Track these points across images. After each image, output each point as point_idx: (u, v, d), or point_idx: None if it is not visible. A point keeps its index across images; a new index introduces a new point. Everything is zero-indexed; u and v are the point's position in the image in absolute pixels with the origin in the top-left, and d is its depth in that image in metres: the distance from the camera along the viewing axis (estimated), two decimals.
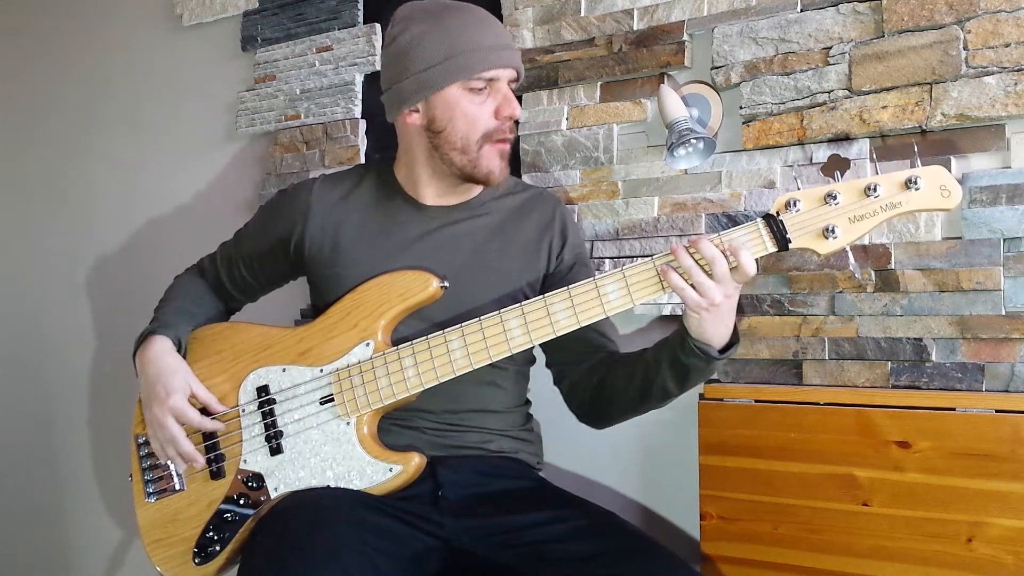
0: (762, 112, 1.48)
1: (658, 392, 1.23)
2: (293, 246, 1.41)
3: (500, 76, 1.28)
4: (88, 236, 2.34)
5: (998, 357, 1.32)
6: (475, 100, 1.27)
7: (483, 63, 1.25)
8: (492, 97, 1.29)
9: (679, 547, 1.55)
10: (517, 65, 1.30)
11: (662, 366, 1.20)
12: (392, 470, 1.25)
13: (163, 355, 1.37)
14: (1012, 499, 1.22)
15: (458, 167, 1.31)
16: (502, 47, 1.28)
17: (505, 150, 1.32)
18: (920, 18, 1.36)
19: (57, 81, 2.41)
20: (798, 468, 1.36)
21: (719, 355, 1.16)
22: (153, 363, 1.36)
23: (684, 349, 1.16)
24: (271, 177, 2.02)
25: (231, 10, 2.11)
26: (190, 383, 1.35)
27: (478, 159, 1.29)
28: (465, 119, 1.28)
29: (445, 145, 1.30)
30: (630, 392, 1.26)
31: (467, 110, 1.27)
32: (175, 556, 1.34)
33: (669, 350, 1.19)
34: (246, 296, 1.54)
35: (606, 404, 1.32)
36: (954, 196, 1.08)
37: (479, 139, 1.28)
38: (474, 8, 1.30)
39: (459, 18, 1.27)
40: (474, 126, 1.28)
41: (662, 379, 1.21)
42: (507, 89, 1.29)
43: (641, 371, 1.24)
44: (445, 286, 1.29)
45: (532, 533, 1.23)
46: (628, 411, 1.31)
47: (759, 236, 1.12)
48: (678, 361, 1.18)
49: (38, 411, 2.43)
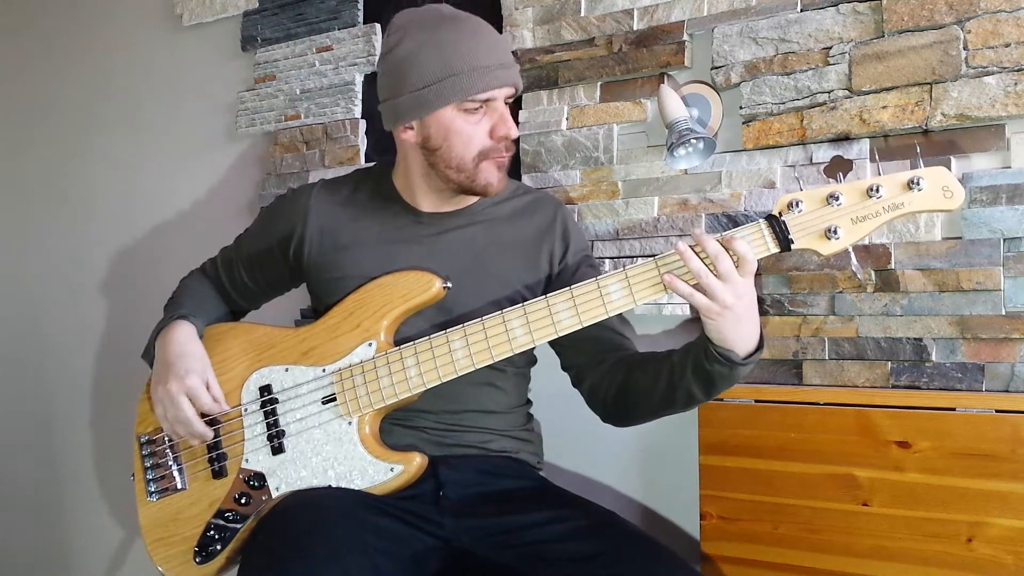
0: (762, 112, 1.49)
1: (683, 397, 1.21)
2: (292, 250, 1.41)
3: (496, 96, 1.26)
4: (88, 236, 2.34)
5: (998, 357, 1.32)
6: (470, 120, 1.25)
7: (479, 84, 1.23)
8: (488, 116, 1.26)
9: (679, 547, 1.55)
10: (515, 82, 1.28)
11: (687, 371, 1.18)
12: (393, 470, 1.26)
13: (190, 339, 1.37)
14: (1012, 499, 1.22)
15: (455, 183, 1.30)
16: (499, 66, 1.25)
17: (503, 163, 1.30)
18: (920, 18, 1.36)
19: (57, 81, 2.41)
20: (798, 468, 1.36)
21: (742, 361, 1.13)
22: (176, 343, 1.36)
23: (707, 356, 1.14)
24: (271, 177, 2.02)
25: (231, 10, 2.11)
26: (207, 372, 1.34)
27: (475, 175, 1.28)
28: (460, 139, 1.26)
29: (440, 163, 1.28)
30: (655, 396, 1.24)
31: (462, 131, 1.25)
32: (176, 555, 1.34)
33: (693, 356, 1.17)
34: (247, 301, 1.54)
35: (631, 407, 1.30)
36: (957, 197, 1.08)
37: (475, 157, 1.27)
38: (472, 21, 1.27)
39: (456, 32, 1.24)
40: (469, 146, 1.26)
41: (687, 384, 1.19)
42: (503, 108, 1.27)
43: (666, 376, 1.21)
44: (448, 287, 1.29)
45: (532, 533, 1.23)
46: (653, 414, 1.29)
47: (761, 237, 1.12)
48: (701, 367, 1.15)
49: (38, 411, 2.43)
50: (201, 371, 1.33)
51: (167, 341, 1.37)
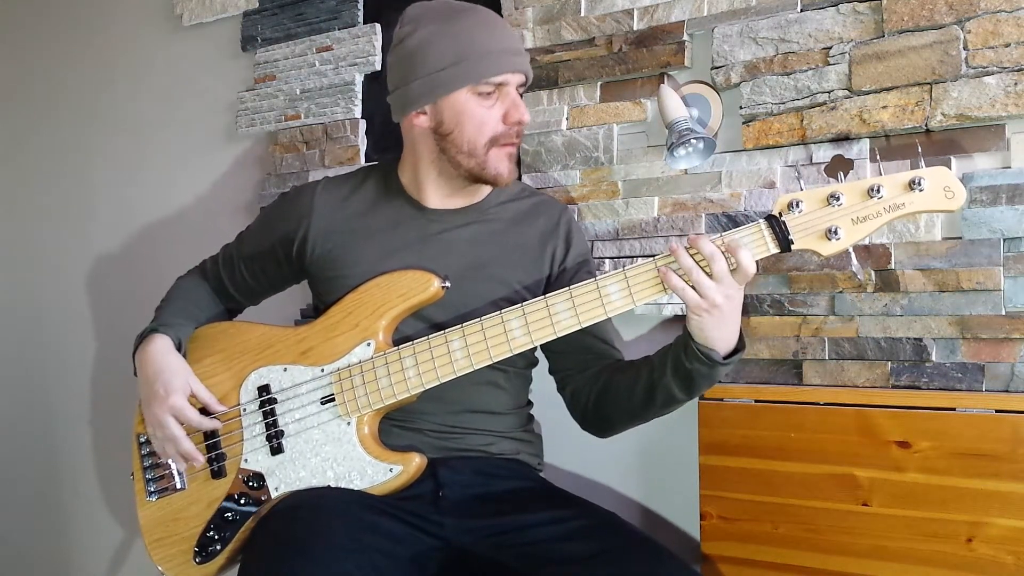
0: (762, 112, 1.48)
1: (662, 398, 1.22)
2: (295, 248, 1.41)
3: (509, 80, 1.28)
4: (88, 235, 2.34)
5: (998, 357, 1.32)
6: (484, 104, 1.27)
7: (493, 68, 1.25)
8: (501, 101, 1.28)
9: (679, 547, 1.55)
10: (526, 70, 1.30)
11: (667, 370, 1.19)
12: (392, 470, 1.25)
13: (163, 354, 1.37)
14: (1012, 499, 1.22)
15: (466, 169, 1.31)
16: (512, 52, 1.28)
17: (513, 152, 1.32)
18: (920, 18, 1.36)
19: (57, 81, 2.41)
20: (798, 468, 1.36)
21: (723, 361, 1.14)
22: (152, 362, 1.36)
23: (687, 353, 1.15)
24: (271, 177, 2.02)
25: (231, 10, 2.11)
26: (190, 383, 1.35)
27: (486, 162, 1.29)
28: (473, 123, 1.27)
29: (452, 148, 1.30)
30: (634, 398, 1.25)
31: (475, 114, 1.27)
32: (176, 555, 1.34)
33: (673, 355, 1.18)
34: (247, 298, 1.54)
35: (609, 410, 1.31)
36: (958, 197, 1.07)
37: (486, 143, 1.28)
38: (483, 10, 1.30)
39: (469, 21, 1.27)
40: (482, 130, 1.28)
41: (666, 384, 1.20)
42: (515, 94, 1.29)
43: (645, 376, 1.23)
44: (446, 286, 1.29)
45: (532, 533, 1.23)
46: (631, 418, 1.30)
47: (761, 237, 1.12)
48: (681, 366, 1.17)
49: (38, 411, 2.43)
50: (182, 386, 1.33)
51: (144, 360, 1.38)
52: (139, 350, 1.40)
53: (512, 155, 1.32)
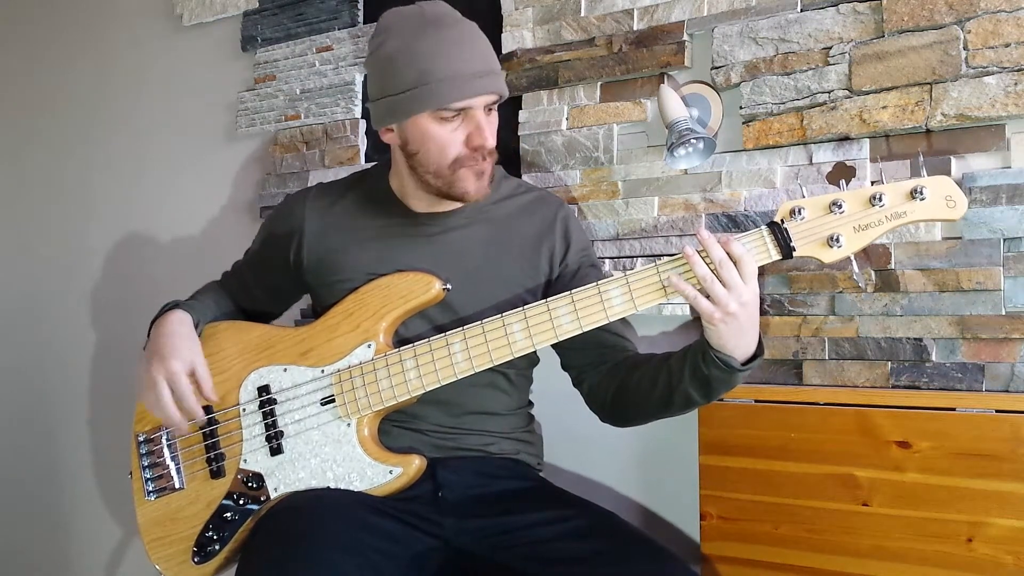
0: (762, 112, 1.48)
1: (680, 400, 1.21)
2: (292, 257, 1.41)
3: (473, 104, 1.23)
4: (88, 236, 2.34)
5: (998, 357, 1.32)
6: (446, 128, 1.23)
7: (454, 93, 1.21)
8: (465, 124, 1.24)
9: (679, 547, 1.55)
10: (494, 90, 1.24)
11: (684, 376, 1.18)
12: (392, 472, 1.25)
13: (180, 325, 1.36)
14: (1012, 499, 1.22)
15: (434, 188, 1.29)
16: (478, 74, 1.22)
17: (482, 170, 1.27)
18: (920, 18, 1.36)
19: (57, 81, 2.41)
20: (798, 468, 1.36)
21: (741, 367, 1.13)
22: (167, 329, 1.35)
23: (705, 360, 1.14)
24: (271, 177, 2.02)
25: (231, 10, 2.11)
26: (195, 358, 1.33)
27: (452, 182, 1.26)
28: (436, 146, 1.24)
29: (420, 167, 1.28)
30: (653, 399, 1.24)
31: (438, 137, 1.24)
32: (174, 555, 1.34)
33: (691, 360, 1.17)
34: (263, 313, 1.54)
35: (629, 408, 1.30)
36: (960, 206, 1.07)
37: (450, 164, 1.25)
38: (456, 26, 1.24)
39: (436, 37, 1.21)
40: (444, 153, 1.25)
41: (684, 388, 1.19)
42: (481, 116, 1.24)
43: (664, 378, 1.22)
44: (447, 288, 1.29)
45: (532, 533, 1.23)
46: (651, 416, 1.29)
47: (763, 244, 1.12)
48: (699, 371, 1.16)
49: (38, 411, 2.43)
50: (188, 357, 1.32)
51: (159, 325, 1.37)
52: (157, 322, 1.39)
53: (481, 172, 1.27)
